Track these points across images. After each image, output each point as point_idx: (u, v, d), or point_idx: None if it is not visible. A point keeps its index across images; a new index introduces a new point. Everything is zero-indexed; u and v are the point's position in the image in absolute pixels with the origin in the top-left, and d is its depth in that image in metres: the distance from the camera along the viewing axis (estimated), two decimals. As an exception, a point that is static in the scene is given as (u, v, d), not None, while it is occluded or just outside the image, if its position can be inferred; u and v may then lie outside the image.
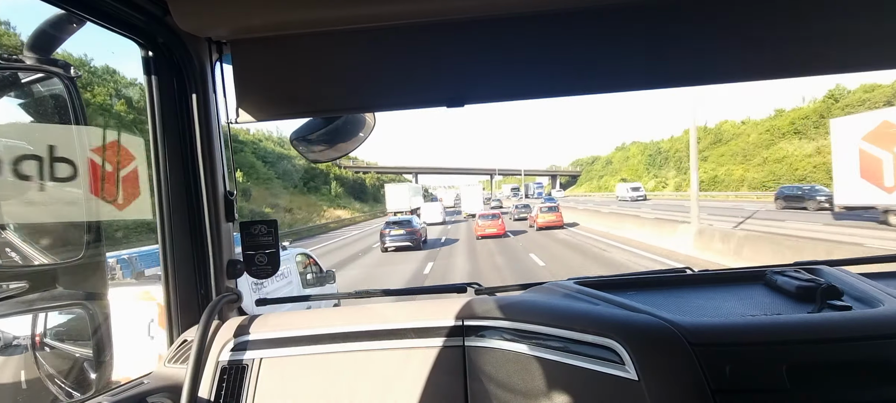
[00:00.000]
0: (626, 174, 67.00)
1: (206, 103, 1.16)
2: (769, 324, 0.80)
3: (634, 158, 69.32)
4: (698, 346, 0.78)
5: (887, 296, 0.87)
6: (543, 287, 1.19)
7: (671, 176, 58.16)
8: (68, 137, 0.99)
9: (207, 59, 1.14)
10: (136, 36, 1.05)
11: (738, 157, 46.84)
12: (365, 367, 1.07)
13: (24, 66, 0.95)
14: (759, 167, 42.80)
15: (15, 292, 0.95)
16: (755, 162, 44.14)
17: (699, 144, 53.33)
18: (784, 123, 43.57)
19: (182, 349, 1.14)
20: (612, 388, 0.83)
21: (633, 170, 67.12)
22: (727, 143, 50.79)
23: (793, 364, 0.74)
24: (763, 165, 42.42)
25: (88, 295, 1.04)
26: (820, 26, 0.96)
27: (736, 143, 49.35)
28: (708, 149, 52.07)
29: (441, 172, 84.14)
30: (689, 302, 1.02)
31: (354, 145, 1.27)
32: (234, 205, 1.23)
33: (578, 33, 1.01)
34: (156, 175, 1.14)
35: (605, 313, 0.93)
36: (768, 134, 44.90)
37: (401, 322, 1.11)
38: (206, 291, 1.20)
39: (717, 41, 0.99)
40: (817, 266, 1.11)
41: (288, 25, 1.01)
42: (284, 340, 1.11)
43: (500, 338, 1.02)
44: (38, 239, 0.98)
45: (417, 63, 1.05)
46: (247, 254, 1.20)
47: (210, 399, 1.06)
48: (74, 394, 1.04)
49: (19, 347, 1.13)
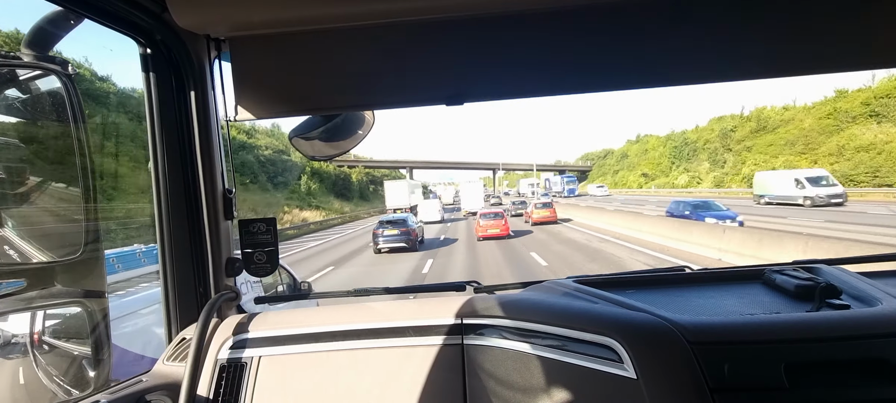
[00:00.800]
0: (646, 168, 61.78)
1: (205, 101, 1.15)
2: (768, 323, 0.80)
3: (655, 151, 62.50)
4: (697, 345, 0.78)
5: (885, 295, 0.87)
6: (542, 285, 1.19)
7: (704, 170, 51.31)
8: (66, 134, 0.99)
9: (206, 56, 1.13)
10: (135, 33, 1.05)
11: (797, 146, 39.91)
12: (364, 365, 1.07)
13: (22, 62, 0.94)
14: (833, 157, 34.76)
15: (13, 290, 0.95)
16: (824, 151, 36.71)
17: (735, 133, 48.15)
18: (853, 105, 36.53)
19: (181, 347, 1.14)
20: (610, 386, 0.83)
21: (655, 163, 61.15)
22: (774, 131, 44.30)
23: (791, 363, 0.74)
24: (840, 155, 34.49)
25: (87, 293, 1.04)
26: (823, 25, 0.96)
27: (786, 131, 42.74)
28: (749, 138, 46.75)
29: (438, 167, 76.26)
30: (687, 301, 1.03)
31: (354, 143, 1.27)
32: (234, 203, 1.22)
33: (578, 31, 1.01)
34: (154, 173, 1.13)
35: (604, 311, 0.93)
36: (831, 119, 38.08)
37: (400, 320, 1.11)
38: (205, 289, 1.20)
39: (718, 39, 0.99)
40: (816, 264, 1.11)
41: (287, 23, 1.00)
42: (283, 338, 1.11)
43: (499, 336, 1.03)
44: (36, 237, 0.98)
45: (416, 61, 1.05)
46: (245, 252, 1.20)
47: (209, 397, 1.06)
48: (73, 392, 1.04)
49: (18, 345, 1.13)
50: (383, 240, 15.26)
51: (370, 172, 60.78)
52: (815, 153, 37.72)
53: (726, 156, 49.16)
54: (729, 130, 50.73)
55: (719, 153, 50.24)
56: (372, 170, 61.87)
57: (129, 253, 8.00)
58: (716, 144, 51.46)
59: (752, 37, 0.98)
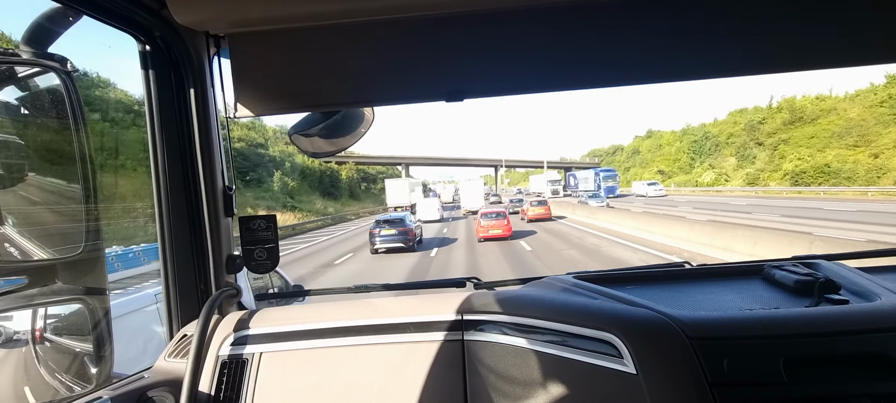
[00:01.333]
0: (662, 164, 58.15)
1: (205, 98, 1.15)
2: (767, 318, 0.81)
3: (670, 146, 58.41)
4: (696, 340, 0.78)
5: (884, 290, 0.87)
6: (542, 281, 1.19)
7: (730, 165, 46.94)
8: (66, 132, 0.98)
9: (205, 53, 1.13)
10: (133, 30, 1.05)
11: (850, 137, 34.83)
12: (364, 361, 1.08)
13: (21, 60, 0.94)
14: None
15: (15, 287, 0.95)
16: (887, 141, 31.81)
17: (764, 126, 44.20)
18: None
19: (182, 343, 1.15)
20: (610, 382, 0.83)
21: (672, 159, 57.36)
22: (814, 123, 39.49)
23: (790, 358, 0.75)
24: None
25: (88, 290, 1.04)
26: (829, 19, 0.95)
27: (828, 122, 37.98)
28: (782, 131, 42.01)
29: (436, 163, 68.60)
30: (687, 297, 1.03)
31: (353, 140, 1.27)
32: (234, 200, 1.23)
33: (580, 26, 1.00)
34: (154, 170, 1.13)
35: (604, 307, 0.93)
36: (886, 107, 33.76)
37: (400, 316, 1.11)
38: (206, 286, 1.20)
39: (721, 35, 0.98)
40: (815, 260, 1.11)
41: (286, 19, 1.00)
42: (284, 334, 1.12)
43: (499, 332, 1.03)
44: (36, 235, 0.98)
45: (416, 57, 1.05)
46: (246, 249, 1.21)
47: (210, 393, 1.07)
48: (75, 388, 1.04)
49: (19, 342, 1.13)
50: (380, 240, 14.93)
51: (363, 169, 56.38)
52: (876, 144, 32.92)
53: (755, 150, 45.25)
54: (757, 123, 46.61)
55: (748, 147, 45.69)
56: (365, 166, 56.82)
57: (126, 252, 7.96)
58: (743, 138, 46.99)
59: (756, 31, 0.97)
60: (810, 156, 36.14)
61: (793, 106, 43.39)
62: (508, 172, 77.32)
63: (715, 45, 0.99)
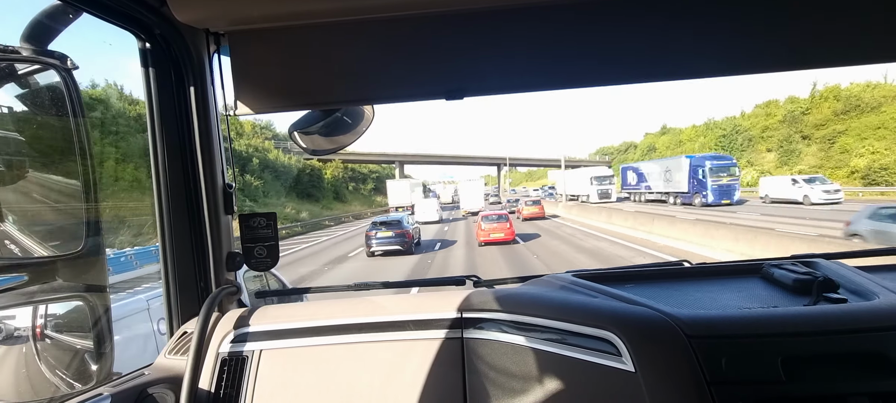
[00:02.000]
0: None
1: (205, 95, 1.15)
2: (765, 317, 0.81)
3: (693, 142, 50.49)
4: (695, 338, 0.79)
5: (882, 289, 0.87)
6: (542, 279, 1.20)
7: (769, 161, 40.10)
8: (66, 129, 0.99)
9: (205, 50, 1.13)
10: (134, 28, 1.05)
11: None
12: (364, 359, 1.08)
13: (21, 57, 0.94)
14: None
15: (15, 284, 0.95)
16: None
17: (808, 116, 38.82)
18: None
19: (182, 341, 1.15)
20: (609, 380, 0.84)
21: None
22: (877, 111, 33.62)
23: (788, 356, 0.75)
24: None
25: (88, 288, 1.04)
26: (832, 17, 0.95)
27: (893, 110, 32.26)
28: (834, 122, 35.94)
29: (433, 162, 61.62)
30: (686, 295, 1.03)
31: (353, 138, 1.27)
32: (234, 198, 1.23)
33: (581, 24, 1.00)
34: (154, 167, 1.14)
35: (603, 305, 0.93)
36: None
37: (400, 314, 1.11)
38: (206, 283, 1.20)
39: (722, 33, 0.98)
40: (814, 259, 1.11)
41: (286, 17, 1.00)
42: (284, 332, 1.12)
43: (498, 330, 1.03)
44: (37, 232, 0.98)
45: (417, 55, 1.05)
46: (246, 247, 1.21)
47: (210, 390, 1.07)
48: (75, 385, 1.04)
49: (20, 339, 1.14)
50: (376, 243, 14.34)
51: (353, 168, 50.18)
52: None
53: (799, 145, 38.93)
54: (799, 113, 40.41)
55: (793, 140, 39.21)
56: (355, 165, 50.64)
57: (118, 256, 7.85)
58: (783, 131, 40.47)
59: (756, 29, 0.97)
60: (886, 149, 28.98)
61: (839, 94, 37.57)
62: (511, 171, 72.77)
63: (717, 43, 0.99)
